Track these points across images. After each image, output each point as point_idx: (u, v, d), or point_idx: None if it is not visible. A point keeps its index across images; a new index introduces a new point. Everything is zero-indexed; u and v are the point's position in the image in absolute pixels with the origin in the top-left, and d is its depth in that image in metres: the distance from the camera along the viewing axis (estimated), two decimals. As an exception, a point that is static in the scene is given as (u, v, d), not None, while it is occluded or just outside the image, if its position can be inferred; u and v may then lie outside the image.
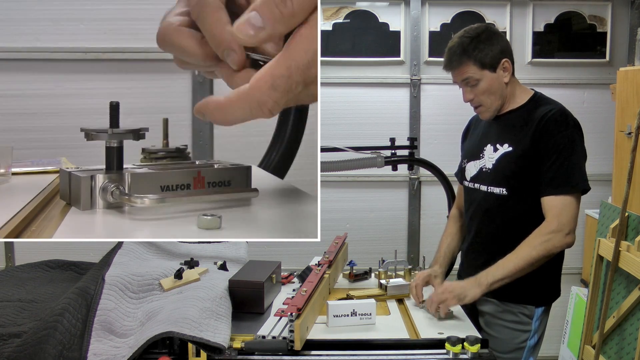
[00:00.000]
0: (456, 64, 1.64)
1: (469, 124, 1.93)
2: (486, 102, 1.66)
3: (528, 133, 1.60)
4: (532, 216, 1.60)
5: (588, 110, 2.97)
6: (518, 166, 1.61)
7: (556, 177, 1.56)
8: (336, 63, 3.00)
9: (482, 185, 1.71)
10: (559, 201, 1.55)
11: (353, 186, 3.04)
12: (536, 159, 1.59)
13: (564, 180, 1.56)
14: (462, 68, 1.64)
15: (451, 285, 1.58)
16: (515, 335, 1.68)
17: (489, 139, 1.72)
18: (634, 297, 1.90)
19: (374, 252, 2.26)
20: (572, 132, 1.58)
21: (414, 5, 2.96)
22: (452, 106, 2.92)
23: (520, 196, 1.63)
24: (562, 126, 1.58)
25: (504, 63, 1.64)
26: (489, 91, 1.65)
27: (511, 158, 1.63)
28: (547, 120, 1.58)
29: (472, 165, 1.76)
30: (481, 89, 1.64)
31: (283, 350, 1.33)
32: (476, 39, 1.63)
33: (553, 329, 2.86)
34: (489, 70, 1.63)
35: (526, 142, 1.60)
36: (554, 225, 1.54)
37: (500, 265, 1.55)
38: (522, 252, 1.55)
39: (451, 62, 1.66)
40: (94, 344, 1.29)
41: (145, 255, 1.74)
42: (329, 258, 1.78)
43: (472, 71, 1.63)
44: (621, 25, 3.02)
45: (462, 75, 1.65)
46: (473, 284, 1.56)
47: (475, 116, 1.92)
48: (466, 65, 1.63)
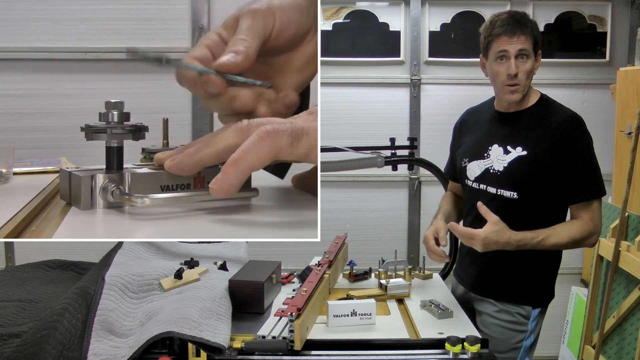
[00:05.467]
0: (519, 31, 1.58)
1: (462, 120, 1.88)
2: (524, 82, 1.61)
3: (544, 138, 1.59)
4: (540, 221, 1.60)
5: (588, 110, 2.96)
6: (533, 170, 1.60)
7: (585, 185, 1.59)
8: (336, 63, 3.00)
9: (489, 186, 1.68)
10: (591, 207, 1.60)
11: (353, 186, 3.04)
12: (554, 166, 1.58)
13: (593, 187, 1.60)
14: (524, 37, 1.58)
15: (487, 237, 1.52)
16: (512, 335, 1.68)
17: (495, 139, 1.69)
18: (634, 297, 1.90)
19: (374, 252, 2.26)
20: (588, 136, 1.61)
21: (414, 5, 2.96)
22: (452, 106, 2.91)
23: (532, 201, 1.62)
24: (581, 133, 1.60)
25: (539, 54, 1.64)
26: (529, 73, 1.61)
27: (526, 162, 1.61)
28: (566, 129, 1.58)
29: (476, 165, 1.72)
30: (527, 67, 1.60)
31: (283, 350, 1.33)
32: (532, 21, 1.63)
33: (553, 329, 2.86)
34: (534, 54, 1.62)
35: (543, 148, 1.59)
36: (591, 228, 1.60)
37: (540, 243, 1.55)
38: (562, 241, 1.58)
39: (515, 27, 1.58)
40: (94, 344, 1.29)
41: (145, 255, 1.74)
42: (329, 258, 1.78)
43: (528, 45, 1.59)
44: (621, 25, 3.02)
45: (522, 44, 1.58)
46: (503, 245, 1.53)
47: (467, 113, 1.88)
48: (527, 36, 1.58)
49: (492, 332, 1.68)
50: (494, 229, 1.51)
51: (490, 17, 1.66)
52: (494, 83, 1.67)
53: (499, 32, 1.59)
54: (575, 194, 1.60)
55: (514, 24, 1.58)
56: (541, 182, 1.60)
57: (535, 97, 1.68)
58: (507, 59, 1.59)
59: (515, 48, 1.58)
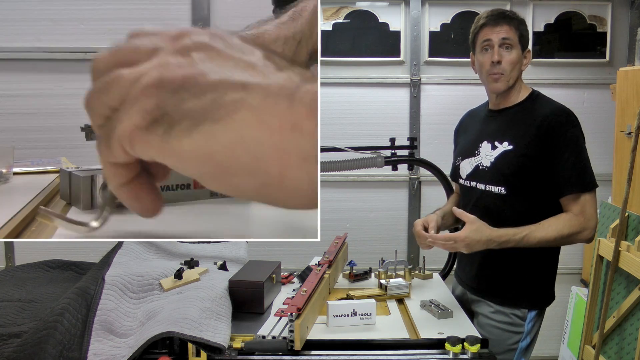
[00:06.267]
0: (502, 22, 1.63)
1: (461, 122, 1.91)
2: (509, 72, 1.64)
3: (530, 131, 1.59)
4: (531, 216, 1.59)
5: (588, 110, 2.97)
6: (519, 165, 1.60)
7: (572, 177, 1.56)
8: (336, 63, 3.00)
9: (479, 183, 1.69)
10: (581, 200, 1.57)
11: (353, 186, 3.04)
12: (541, 158, 1.58)
13: (581, 179, 1.56)
14: (507, 27, 1.63)
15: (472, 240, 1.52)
16: (507, 337, 1.68)
17: (485, 136, 1.70)
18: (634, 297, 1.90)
19: (374, 252, 2.26)
20: (578, 130, 1.59)
21: (414, 5, 2.96)
22: (452, 106, 2.92)
23: (520, 195, 1.61)
24: (568, 125, 1.58)
25: (527, 52, 1.67)
26: (514, 64, 1.63)
27: (512, 156, 1.61)
28: (551, 120, 1.57)
29: (467, 163, 1.73)
30: (511, 57, 1.63)
31: (283, 350, 1.33)
32: (520, 18, 1.67)
33: (553, 329, 2.86)
34: (520, 46, 1.65)
35: (529, 141, 1.59)
36: (581, 222, 1.56)
37: (525, 239, 1.54)
38: (549, 236, 1.54)
39: (499, 17, 1.64)
40: (94, 344, 1.29)
41: (145, 255, 1.74)
42: (329, 258, 1.78)
43: (512, 36, 1.63)
44: (621, 25, 3.02)
45: (505, 33, 1.63)
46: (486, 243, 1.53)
47: (467, 114, 1.91)
48: (511, 27, 1.63)
49: (488, 333, 1.67)
50: (472, 227, 1.52)
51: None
52: (481, 75, 1.71)
53: (483, 22, 1.65)
54: (562, 187, 1.58)
55: (498, 14, 1.64)
56: (528, 176, 1.60)
57: (525, 93, 1.69)
58: (491, 48, 1.63)
59: (498, 36, 1.62)
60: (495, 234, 1.53)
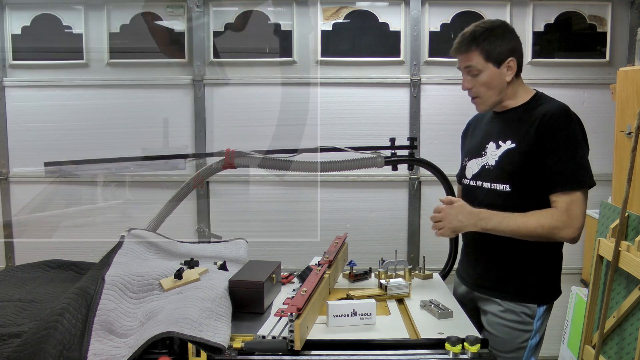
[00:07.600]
0: (464, 50, 1.67)
1: (468, 125, 1.94)
2: (484, 95, 1.69)
3: (531, 129, 1.61)
4: None
5: (588, 110, 2.96)
6: (521, 162, 1.62)
7: (563, 174, 1.57)
8: (336, 63, 2.99)
9: (484, 182, 1.71)
10: (568, 198, 1.57)
11: (353, 186, 3.04)
12: (540, 155, 1.59)
13: (571, 177, 1.57)
14: (469, 55, 1.66)
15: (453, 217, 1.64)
16: (517, 335, 1.68)
17: (490, 137, 1.73)
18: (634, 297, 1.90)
19: (374, 252, 2.26)
20: (575, 128, 1.60)
21: (414, 5, 2.96)
22: (452, 106, 2.92)
23: (524, 193, 1.63)
24: (565, 123, 1.59)
25: (509, 62, 1.66)
26: (488, 85, 1.67)
27: (514, 154, 1.64)
28: (550, 117, 1.59)
29: (474, 163, 1.76)
30: (481, 80, 1.67)
31: (283, 350, 1.33)
32: (489, 31, 1.66)
33: (553, 329, 2.86)
34: (493, 64, 1.65)
35: (530, 139, 1.61)
36: (564, 219, 1.57)
37: (505, 219, 1.59)
38: (529, 224, 1.58)
39: (460, 46, 1.68)
40: (94, 344, 1.29)
41: (145, 255, 1.74)
42: (329, 258, 1.78)
43: (477, 61, 1.65)
44: (621, 25, 3.02)
45: (467, 62, 1.67)
46: (471, 223, 1.63)
47: (474, 117, 1.93)
48: (472, 53, 1.66)
49: (498, 332, 1.68)
50: (457, 204, 1.65)
51: None
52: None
53: (452, 49, 1.72)
54: (553, 183, 1.59)
55: (461, 41, 1.68)
56: (531, 173, 1.61)
57: (528, 95, 1.71)
58: (463, 74, 1.72)
59: (462, 65, 1.70)
60: (476, 210, 1.63)
